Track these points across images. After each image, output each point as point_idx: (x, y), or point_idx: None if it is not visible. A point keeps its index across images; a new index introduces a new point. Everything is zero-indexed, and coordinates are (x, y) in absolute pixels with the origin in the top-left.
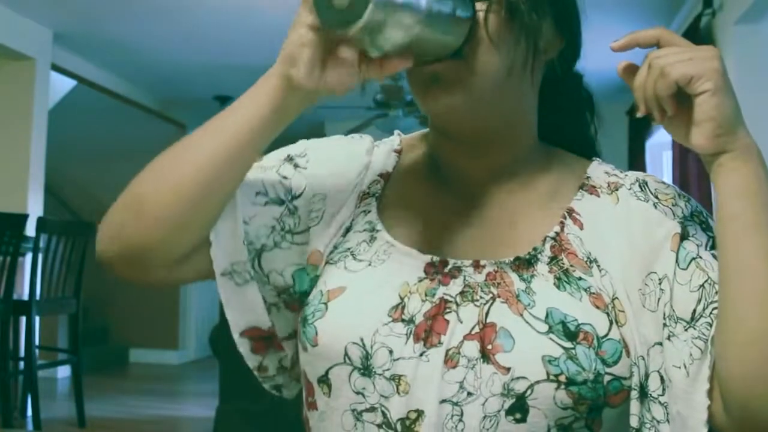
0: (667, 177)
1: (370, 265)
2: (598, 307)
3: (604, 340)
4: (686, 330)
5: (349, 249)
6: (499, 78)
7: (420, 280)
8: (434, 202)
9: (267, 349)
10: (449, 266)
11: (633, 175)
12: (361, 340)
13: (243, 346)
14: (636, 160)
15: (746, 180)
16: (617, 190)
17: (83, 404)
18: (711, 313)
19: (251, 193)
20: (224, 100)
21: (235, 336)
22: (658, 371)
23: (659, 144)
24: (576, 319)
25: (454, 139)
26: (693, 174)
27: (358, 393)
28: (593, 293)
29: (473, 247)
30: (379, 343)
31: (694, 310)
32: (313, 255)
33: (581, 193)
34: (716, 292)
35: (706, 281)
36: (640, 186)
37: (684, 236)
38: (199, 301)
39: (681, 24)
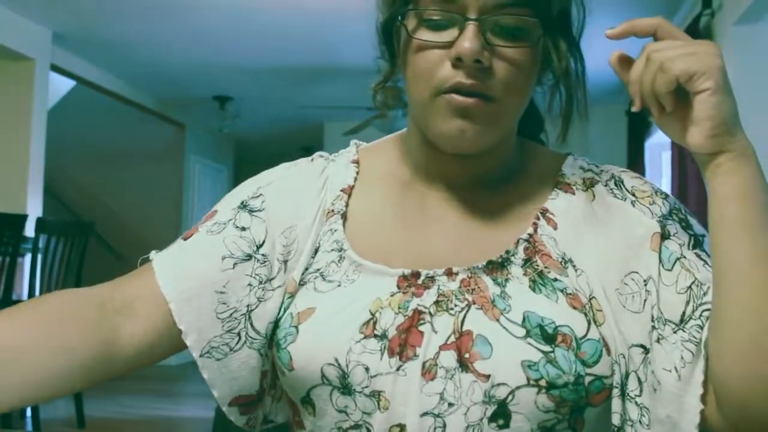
0: (666, 177)
1: (339, 285)
2: (575, 308)
3: (583, 341)
4: (675, 332)
5: (318, 270)
6: (521, 112)
7: (392, 295)
8: (405, 212)
9: (257, 407)
10: (422, 277)
11: (609, 170)
12: (336, 360)
13: (232, 414)
14: (635, 161)
15: (743, 182)
16: (593, 186)
17: (82, 404)
18: (701, 315)
19: (217, 259)
20: (224, 101)
21: (224, 408)
22: (635, 372)
23: (658, 144)
24: (553, 322)
25: (449, 153)
26: (692, 174)
27: (341, 411)
28: (569, 294)
29: (447, 255)
30: (354, 362)
31: (683, 312)
32: (290, 285)
33: (556, 191)
34: (704, 293)
35: (693, 282)
36: (616, 183)
37: (665, 236)
38: None
39: (680, 24)
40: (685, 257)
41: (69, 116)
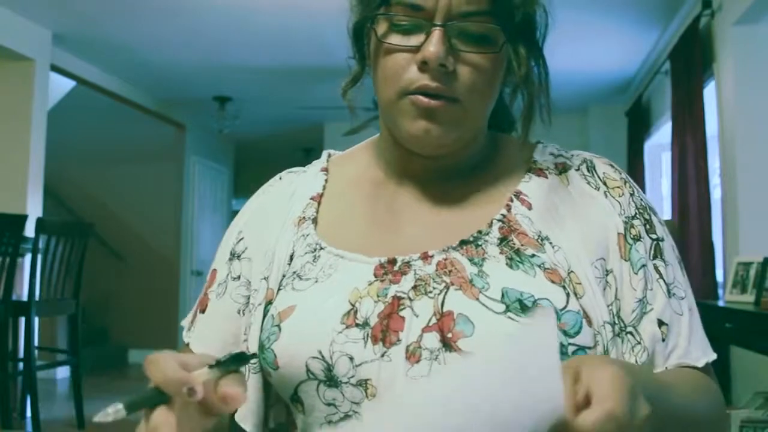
0: (666, 178)
1: (316, 281)
2: (553, 282)
3: (563, 312)
4: (617, 335)
5: (294, 272)
6: (487, 114)
7: (370, 284)
8: (377, 209)
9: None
10: (398, 263)
11: (579, 155)
12: (320, 352)
13: None
14: (635, 161)
15: None
16: (566, 171)
17: (82, 405)
18: (632, 331)
19: (236, 317)
20: (223, 101)
21: None
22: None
23: (658, 145)
24: (532, 295)
25: (417, 154)
26: (691, 175)
27: (329, 404)
28: (548, 269)
29: (422, 240)
30: (338, 352)
31: (631, 320)
32: (267, 294)
33: (529, 175)
34: (644, 313)
35: (644, 297)
36: (588, 168)
37: (631, 236)
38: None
39: (680, 25)
40: (646, 266)
41: (69, 117)
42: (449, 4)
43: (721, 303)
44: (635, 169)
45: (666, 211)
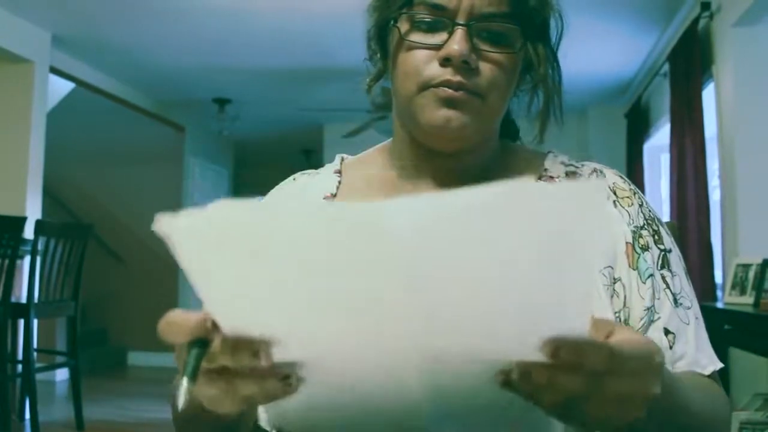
0: (665, 179)
1: None
2: None
3: None
4: None
5: None
6: (503, 112)
7: None
8: None
9: None
10: None
11: (590, 165)
12: None
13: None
14: (634, 162)
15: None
16: (575, 178)
17: (81, 407)
18: (644, 333)
19: None
20: (223, 103)
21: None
22: None
23: (657, 146)
24: None
25: (434, 152)
26: (690, 176)
27: None
28: None
29: None
30: None
31: (639, 326)
32: None
33: (540, 182)
34: (651, 322)
35: (652, 306)
36: (597, 177)
37: (639, 245)
38: (198, 303)
39: (679, 27)
40: (653, 276)
41: (68, 118)
42: (472, 5)
43: (720, 305)
44: (634, 170)
45: (665, 213)
